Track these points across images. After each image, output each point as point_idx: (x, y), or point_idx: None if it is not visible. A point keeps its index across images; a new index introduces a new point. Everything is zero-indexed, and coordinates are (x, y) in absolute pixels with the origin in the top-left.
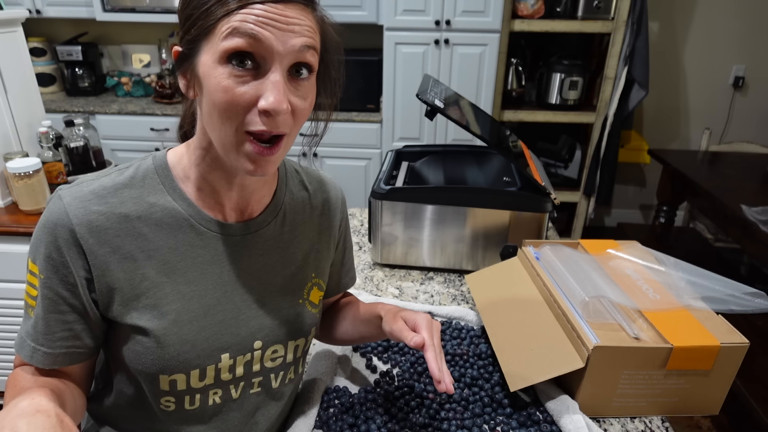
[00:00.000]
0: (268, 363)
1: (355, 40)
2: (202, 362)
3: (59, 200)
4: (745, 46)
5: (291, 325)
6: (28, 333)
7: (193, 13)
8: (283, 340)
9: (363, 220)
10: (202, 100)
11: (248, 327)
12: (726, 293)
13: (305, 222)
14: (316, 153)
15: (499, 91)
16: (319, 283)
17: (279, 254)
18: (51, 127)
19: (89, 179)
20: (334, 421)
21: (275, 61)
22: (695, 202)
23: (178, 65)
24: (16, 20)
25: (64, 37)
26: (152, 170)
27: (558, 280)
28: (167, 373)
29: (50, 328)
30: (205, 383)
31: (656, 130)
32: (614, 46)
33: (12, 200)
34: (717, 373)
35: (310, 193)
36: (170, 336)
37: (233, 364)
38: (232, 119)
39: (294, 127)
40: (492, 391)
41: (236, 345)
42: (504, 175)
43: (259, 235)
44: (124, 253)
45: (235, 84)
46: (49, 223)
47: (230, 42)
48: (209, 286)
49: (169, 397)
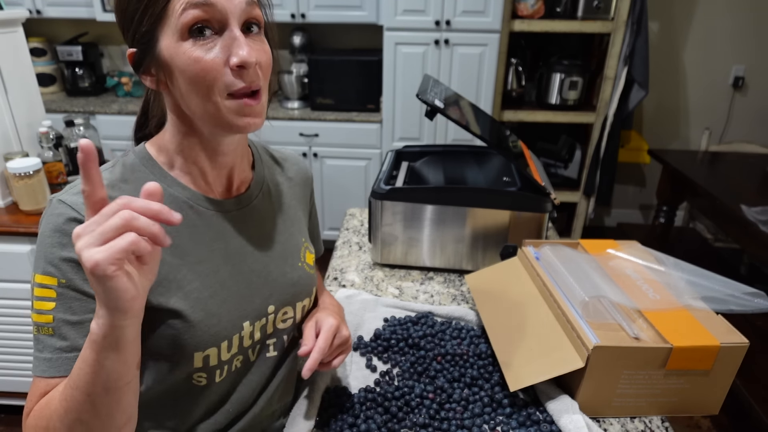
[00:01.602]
0: (280, 325)
1: (355, 40)
2: (229, 333)
3: (59, 203)
4: (745, 46)
5: (296, 287)
6: (60, 349)
7: (137, 8)
8: (291, 302)
9: (363, 220)
10: (176, 85)
11: (261, 294)
12: (726, 293)
13: (285, 192)
14: (316, 153)
15: (499, 91)
16: (309, 246)
17: (272, 224)
18: (51, 127)
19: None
20: (334, 421)
21: (230, 21)
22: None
23: (138, 66)
24: (17, 20)
25: (64, 37)
26: (138, 163)
27: (558, 280)
28: (201, 348)
29: (85, 330)
30: (232, 353)
31: (656, 130)
32: (614, 46)
33: (12, 200)
34: (717, 373)
35: (283, 166)
36: (198, 312)
37: (253, 331)
38: (212, 87)
39: (264, 81)
40: (492, 391)
41: (254, 312)
42: (504, 175)
43: (251, 208)
44: None
45: (204, 52)
46: (57, 225)
47: (187, 15)
48: (219, 261)
49: (201, 373)
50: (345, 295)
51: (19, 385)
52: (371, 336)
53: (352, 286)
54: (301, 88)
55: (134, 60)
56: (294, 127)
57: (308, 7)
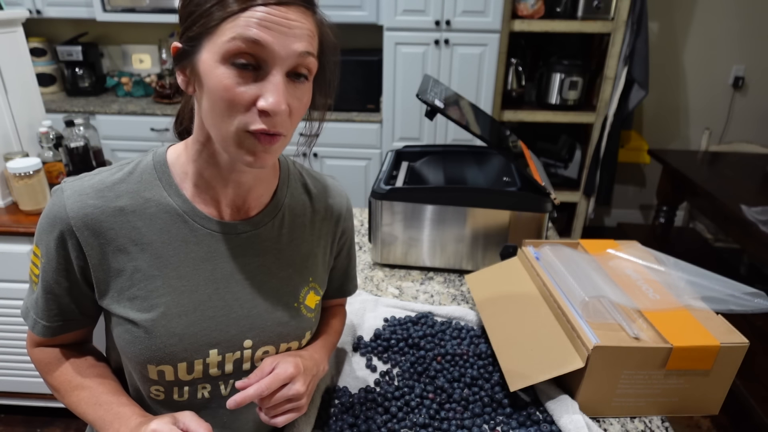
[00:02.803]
0: (258, 363)
1: (355, 40)
2: (189, 356)
3: (61, 193)
4: (745, 46)
5: (284, 327)
6: (31, 306)
7: (195, 10)
8: (274, 342)
9: (363, 220)
10: (201, 96)
11: (238, 325)
12: (726, 293)
13: (305, 225)
14: (316, 153)
15: (499, 91)
16: (316, 288)
17: (275, 255)
18: (51, 127)
19: (91, 174)
20: (334, 421)
21: (276, 64)
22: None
23: (177, 61)
24: (17, 20)
25: (64, 37)
26: (150, 167)
27: (558, 280)
28: (154, 363)
29: (48, 305)
30: (194, 377)
31: (656, 130)
32: (614, 46)
33: (12, 200)
34: (717, 373)
35: (313, 197)
36: (158, 328)
37: (222, 361)
38: (232, 117)
39: (290, 128)
40: (492, 391)
41: (225, 342)
42: (504, 175)
43: (255, 234)
44: (118, 245)
45: (236, 84)
46: (50, 214)
47: (233, 45)
48: (201, 282)
49: (158, 386)
50: None
51: (20, 385)
52: (371, 336)
53: None
54: None
55: (176, 54)
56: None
57: None
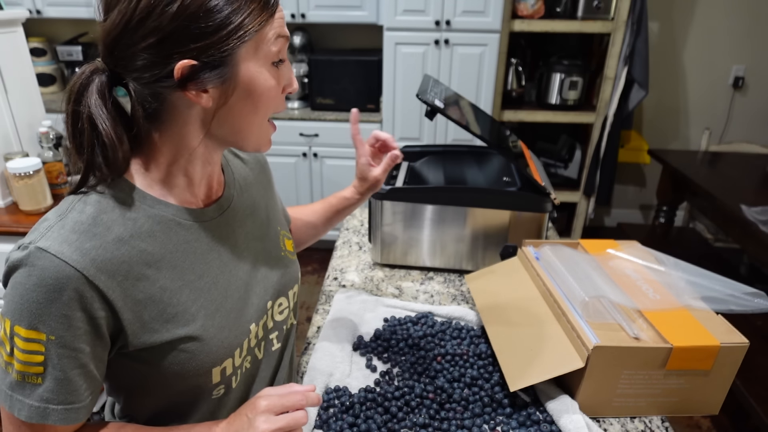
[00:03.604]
0: (277, 317)
1: (355, 40)
2: (240, 340)
3: (44, 253)
4: (745, 46)
5: (285, 277)
6: (50, 399)
7: (223, 24)
8: (284, 292)
9: (363, 220)
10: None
11: (258, 293)
12: (726, 293)
13: (253, 184)
14: (316, 153)
15: (499, 91)
16: (285, 233)
17: (251, 221)
18: (51, 127)
19: (55, 222)
20: (334, 421)
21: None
22: (695, 202)
23: (192, 77)
24: (17, 20)
25: (64, 37)
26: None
27: (558, 280)
28: (219, 363)
29: (76, 384)
30: (243, 356)
31: (656, 130)
32: (614, 46)
33: (12, 200)
34: (717, 373)
35: (243, 158)
36: (209, 330)
37: (257, 330)
38: (270, 110)
39: None
40: (492, 391)
41: (256, 312)
42: (504, 175)
43: (231, 209)
44: (136, 275)
45: (277, 79)
46: (46, 281)
47: (277, 45)
48: (215, 271)
49: (220, 386)
50: (345, 295)
51: None
52: (371, 336)
53: (352, 286)
54: (301, 88)
55: (188, 72)
56: (294, 127)
57: (308, 7)
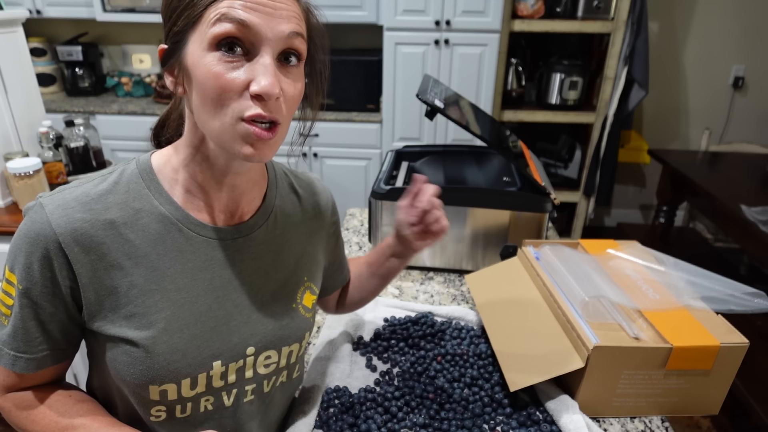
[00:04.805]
0: (261, 369)
1: (355, 40)
2: (193, 371)
3: (41, 208)
4: (745, 47)
5: (284, 330)
6: (5, 342)
7: (178, 5)
8: (276, 346)
9: (363, 220)
10: (191, 93)
11: (240, 333)
12: (726, 293)
13: (296, 225)
14: (316, 153)
15: (499, 91)
16: (311, 287)
17: (271, 258)
18: (51, 127)
19: (72, 186)
20: (334, 421)
21: (264, 46)
22: (695, 202)
23: (165, 62)
24: (17, 20)
25: (64, 37)
26: (136, 175)
27: (558, 280)
28: (157, 383)
29: (30, 335)
30: (197, 391)
31: (656, 130)
32: (614, 46)
33: (12, 200)
34: (717, 373)
35: (300, 196)
36: (159, 345)
37: (225, 371)
38: (226, 106)
39: (286, 115)
40: (492, 391)
41: (228, 352)
42: (504, 175)
43: (250, 238)
44: (111, 261)
45: (226, 69)
46: (30, 232)
47: (219, 28)
48: (200, 292)
49: (159, 407)
50: None
51: None
52: (371, 336)
53: None
54: None
55: (163, 56)
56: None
57: None
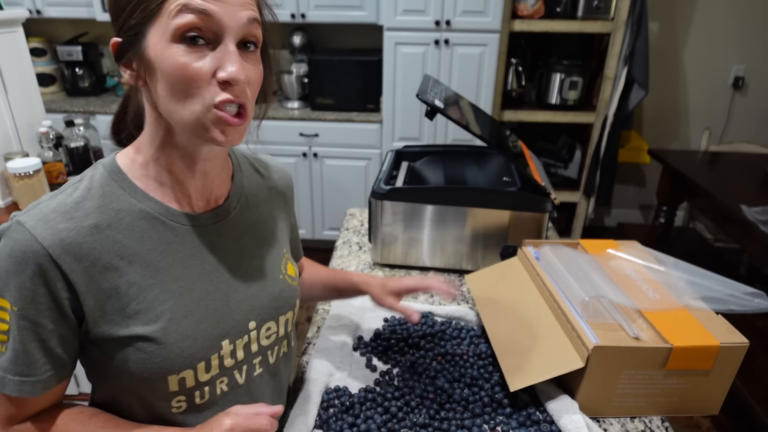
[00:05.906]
0: (263, 341)
1: (355, 40)
2: (206, 353)
3: (20, 226)
4: (745, 46)
5: (278, 301)
6: (7, 369)
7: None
8: (273, 316)
9: (363, 220)
10: (155, 85)
11: (240, 310)
12: (726, 293)
13: (265, 202)
14: (316, 153)
15: (499, 91)
16: (290, 258)
17: (251, 236)
18: (51, 127)
19: (45, 200)
20: (334, 421)
21: (226, 33)
22: (695, 202)
23: (120, 56)
24: (17, 20)
25: (64, 37)
26: (107, 177)
27: (558, 280)
28: (175, 372)
29: (32, 357)
30: (212, 374)
31: (656, 130)
32: (614, 46)
33: (12, 200)
34: (717, 373)
35: (263, 175)
36: (170, 335)
37: (233, 349)
38: (195, 95)
39: (251, 98)
40: (492, 391)
41: (233, 329)
42: (504, 175)
43: (228, 221)
44: (104, 264)
45: (192, 60)
46: (16, 252)
47: (181, 19)
48: (194, 278)
49: (179, 397)
50: None
51: None
52: (371, 336)
53: None
54: (301, 88)
55: (117, 50)
56: (294, 127)
57: (308, 7)
